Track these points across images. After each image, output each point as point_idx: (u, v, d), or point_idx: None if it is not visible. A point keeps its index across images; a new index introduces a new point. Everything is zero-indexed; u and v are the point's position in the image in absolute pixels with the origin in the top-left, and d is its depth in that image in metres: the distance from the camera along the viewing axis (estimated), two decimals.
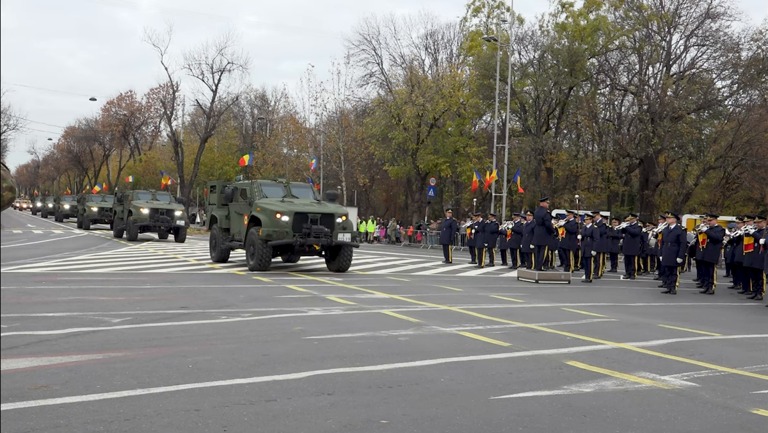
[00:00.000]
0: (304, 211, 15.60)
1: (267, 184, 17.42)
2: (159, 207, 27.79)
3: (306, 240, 15.33)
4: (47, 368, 5.71)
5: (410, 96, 39.39)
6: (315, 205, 16.19)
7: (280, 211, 15.40)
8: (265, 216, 15.46)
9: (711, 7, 36.99)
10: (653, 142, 35.26)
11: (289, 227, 15.29)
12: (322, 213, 15.75)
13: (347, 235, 15.91)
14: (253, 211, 15.93)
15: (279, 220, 15.28)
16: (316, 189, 50.74)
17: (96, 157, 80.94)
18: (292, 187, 17.44)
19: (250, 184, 17.05)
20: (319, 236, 15.41)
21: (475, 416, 4.83)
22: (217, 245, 17.85)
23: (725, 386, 6.04)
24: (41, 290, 11.02)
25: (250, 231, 15.78)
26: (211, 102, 52.29)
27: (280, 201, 16.12)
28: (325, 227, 15.57)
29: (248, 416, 4.58)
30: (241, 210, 16.87)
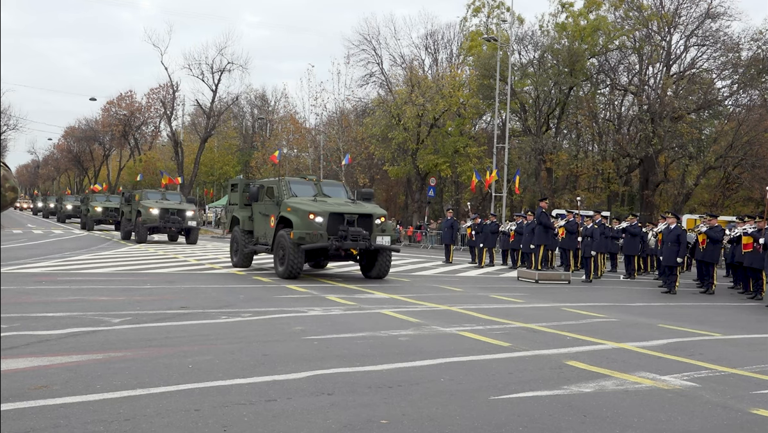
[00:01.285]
0: (340, 212, 14.14)
1: (296, 182, 15.79)
2: (169, 207, 26.12)
3: (342, 244, 13.83)
4: (47, 368, 5.71)
5: (410, 96, 39.39)
6: (351, 205, 14.74)
7: (314, 211, 13.95)
8: (296, 217, 14.06)
9: (711, 7, 37.00)
10: (653, 142, 35.26)
11: (323, 228, 13.84)
12: (359, 214, 14.29)
13: (386, 238, 14.41)
14: (283, 211, 14.55)
15: (312, 221, 13.85)
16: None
17: (96, 157, 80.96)
18: (323, 185, 16.02)
19: (277, 182, 15.48)
20: (357, 238, 13.93)
21: (475, 416, 4.83)
22: (240, 249, 16.46)
23: (725, 386, 6.04)
24: (41, 290, 11.02)
25: (278, 234, 14.40)
26: (211, 102, 52.33)
27: (312, 200, 14.67)
28: (362, 229, 14.12)
29: (248, 416, 4.58)
30: (267, 210, 15.48)
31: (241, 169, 58.81)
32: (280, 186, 15.35)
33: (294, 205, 14.33)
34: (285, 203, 14.61)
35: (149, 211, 25.63)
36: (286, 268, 13.91)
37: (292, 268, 13.86)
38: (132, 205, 27.38)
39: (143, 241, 25.75)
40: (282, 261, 14.15)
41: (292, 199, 14.78)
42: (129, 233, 27.86)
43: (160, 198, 27.48)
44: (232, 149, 63.87)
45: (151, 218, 25.54)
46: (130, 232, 27.75)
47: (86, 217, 36.49)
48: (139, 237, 25.81)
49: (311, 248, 13.82)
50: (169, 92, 56.48)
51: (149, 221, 25.55)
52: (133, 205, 27.15)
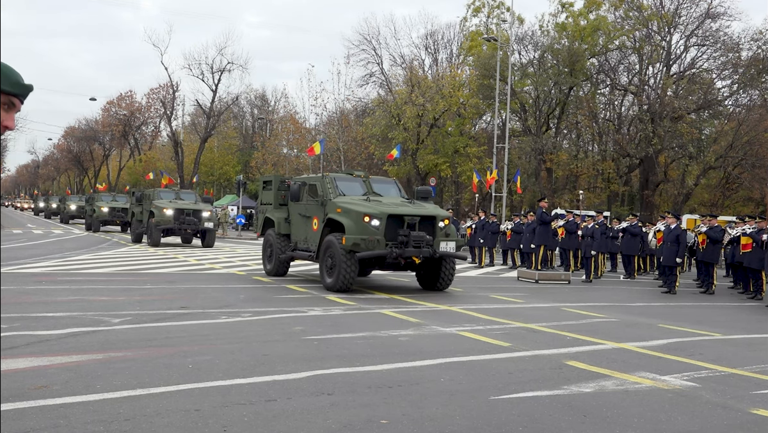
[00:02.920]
0: (400, 214, 12.27)
1: (342, 178, 13.89)
2: (184, 207, 24.14)
3: (403, 251, 11.93)
4: (47, 368, 5.71)
5: (410, 96, 39.40)
6: (410, 206, 12.90)
7: (370, 213, 12.07)
8: (348, 220, 12.19)
9: (711, 7, 37.01)
10: (653, 142, 35.26)
11: (381, 233, 11.98)
12: (421, 215, 12.39)
13: (451, 244, 12.48)
14: (331, 212, 12.72)
15: (368, 225, 12.00)
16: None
17: (96, 157, 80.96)
18: (373, 182, 14.06)
19: (321, 179, 13.60)
20: (420, 245, 12.05)
21: (475, 416, 4.83)
22: (274, 255, 14.59)
23: (725, 386, 6.04)
24: (41, 290, 11.02)
25: (326, 239, 12.53)
26: (211, 102, 52.40)
27: (364, 200, 12.84)
28: (425, 233, 12.29)
29: (248, 416, 4.58)
30: (309, 211, 13.67)
31: (241, 169, 58.80)
32: (324, 183, 13.43)
33: (345, 206, 12.47)
34: (333, 203, 12.76)
35: (163, 212, 23.69)
36: (337, 279, 11.99)
37: (344, 279, 11.93)
38: (144, 205, 25.59)
39: (157, 244, 23.83)
40: (331, 271, 12.25)
41: (340, 198, 12.92)
42: (140, 235, 26.07)
43: (173, 198, 25.71)
44: (232, 149, 63.88)
45: (165, 219, 23.63)
46: (141, 234, 25.97)
47: (91, 217, 34.90)
48: (152, 240, 23.84)
49: (367, 256, 11.89)
50: (169, 92, 56.58)
51: (163, 223, 23.63)
52: (145, 205, 25.38)
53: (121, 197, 35.97)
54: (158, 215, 23.64)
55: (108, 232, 33.95)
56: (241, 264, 17.77)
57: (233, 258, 19.85)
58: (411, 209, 12.60)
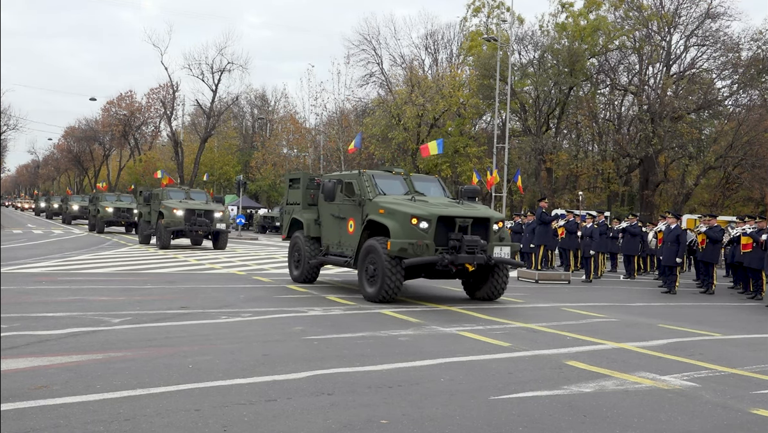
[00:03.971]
0: (451, 215, 10.96)
1: (381, 175, 12.60)
2: (196, 208, 22.95)
3: (456, 257, 10.63)
4: (47, 368, 5.71)
5: (410, 96, 39.40)
6: (460, 207, 11.58)
7: (418, 214, 10.77)
8: (393, 222, 10.90)
9: (711, 7, 37.00)
10: (653, 142, 35.27)
11: (430, 237, 10.70)
12: (473, 217, 11.13)
13: (506, 249, 11.30)
14: (372, 213, 11.46)
15: (416, 227, 10.70)
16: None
17: (96, 157, 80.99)
18: (414, 179, 12.85)
19: (358, 177, 12.35)
20: (474, 250, 10.77)
21: (475, 416, 4.83)
22: (303, 260, 13.39)
23: (725, 386, 6.04)
24: (41, 290, 11.02)
25: (367, 244, 11.26)
26: (211, 102, 52.40)
27: (409, 199, 11.56)
28: (479, 237, 11.01)
29: (248, 416, 4.59)
30: (343, 212, 12.49)
31: (241, 169, 58.84)
32: (361, 181, 12.20)
33: (389, 207, 11.19)
34: (375, 203, 11.52)
35: (173, 213, 22.52)
36: (380, 289, 10.75)
37: (388, 289, 10.70)
38: (152, 205, 24.42)
39: (166, 246, 22.61)
40: (372, 280, 11.03)
41: (381, 198, 11.67)
42: (148, 237, 24.87)
43: (183, 197, 24.44)
44: (232, 149, 63.91)
45: (175, 220, 22.45)
46: (149, 236, 24.81)
47: (95, 218, 33.57)
48: (161, 242, 22.60)
49: (416, 262, 10.56)
50: (169, 92, 56.59)
51: (173, 224, 22.43)
52: (153, 205, 24.15)
53: (126, 197, 35.08)
54: (168, 216, 22.53)
55: (112, 233, 33.08)
56: (241, 264, 17.77)
57: (233, 258, 19.84)
58: (462, 210, 11.27)
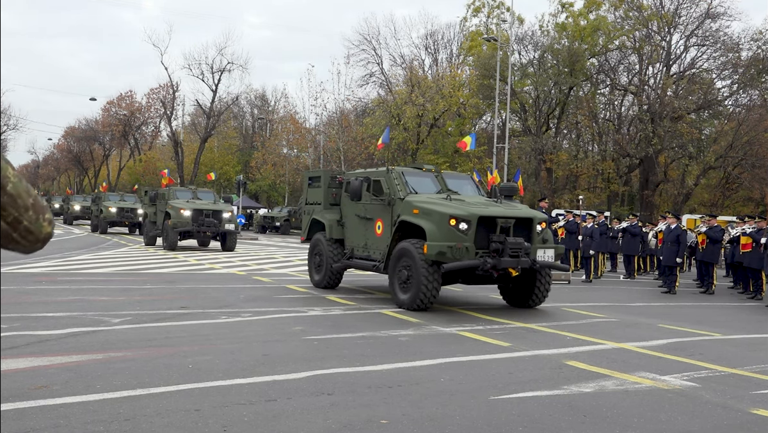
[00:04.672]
0: (492, 215, 10.09)
1: (411, 173, 11.75)
2: (203, 208, 22.25)
3: (499, 261, 9.80)
4: (47, 368, 5.71)
5: (410, 96, 39.42)
6: (500, 206, 10.75)
7: (456, 215, 9.89)
8: (430, 223, 10.03)
9: (711, 7, 37.03)
10: (653, 142, 35.28)
11: (470, 239, 9.83)
12: (516, 218, 10.27)
13: (550, 252, 10.42)
14: (404, 213, 10.61)
15: (455, 229, 9.83)
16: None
17: (96, 157, 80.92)
18: (446, 177, 12.00)
19: (386, 174, 11.50)
20: (518, 254, 9.97)
21: (475, 416, 4.83)
22: (325, 264, 12.55)
23: (725, 386, 6.04)
24: (41, 290, 11.02)
25: (399, 246, 10.41)
26: (211, 102, 52.42)
27: (444, 198, 10.73)
28: (523, 239, 10.20)
29: (248, 416, 4.59)
30: (370, 213, 11.63)
31: (241, 169, 58.83)
32: (390, 179, 11.36)
33: (424, 206, 10.34)
34: (408, 203, 10.65)
35: (180, 213, 21.83)
36: (415, 296, 9.92)
37: (424, 296, 9.86)
38: (158, 205, 23.77)
39: (173, 248, 22.01)
40: (406, 286, 10.18)
41: (414, 197, 10.83)
42: (154, 238, 24.27)
43: (191, 197, 23.80)
44: (232, 149, 63.93)
45: (182, 220, 21.77)
46: (155, 237, 24.21)
47: (98, 218, 33.09)
48: (168, 243, 21.94)
49: (455, 267, 9.72)
50: (169, 92, 56.57)
51: (180, 225, 21.74)
52: (159, 205, 23.55)
53: (129, 197, 34.65)
54: (175, 216, 21.85)
55: (116, 234, 32.68)
56: (241, 264, 17.77)
57: (233, 258, 19.85)
58: (503, 210, 10.42)
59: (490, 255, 9.93)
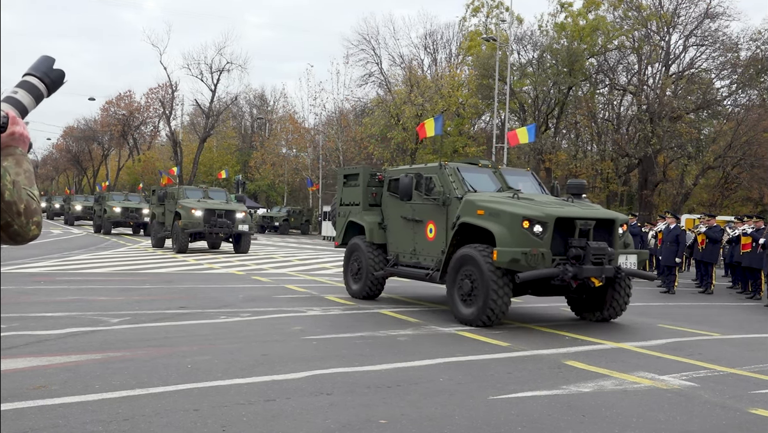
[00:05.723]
0: (570, 216, 8.87)
1: (467, 169, 10.49)
2: (216, 208, 21.19)
3: (581, 269, 8.58)
4: (46, 368, 5.70)
5: (409, 96, 39.44)
6: (575, 206, 9.57)
7: (530, 216, 8.68)
8: (499, 225, 8.79)
9: (710, 7, 37.01)
10: (652, 142, 35.28)
11: (546, 244, 8.61)
12: (596, 219, 9.05)
13: (632, 258, 9.27)
14: (466, 215, 9.31)
15: (528, 232, 8.61)
16: (315, 189, 50.58)
17: (95, 157, 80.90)
18: (505, 173, 10.81)
19: (439, 170, 10.24)
20: (602, 261, 8.77)
21: (474, 415, 4.83)
22: (365, 272, 11.27)
23: (724, 386, 6.05)
24: (40, 290, 11.02)
25: (460, 253, 9.14)
26: (210, 102, 52.44)
27: (510, 197, 9.50)
28: (606, 243, 8.97)
29: (247, 416, 4.58)
30: (419, 214, 10.39)
31: (240, 169, 58.82)
32: (444, 176, 10.11)
33: (490, 206, 9.09)
34: (470, 202, 9.36)
35: (191, 213, 20.72)
36: (482, 310, 8.68)
37: (492, 311, 8.63)
38: (166, 205, 22.62)
39: (184, 250, 20.96)
40: (470, 298, 8.94)
41: (474, 195, 9.61)
42: (162, 240, 23.19)
43: (201, 196, 22.69)
44: (231, 149, 63.94)
45: (193, 221, 20.67)
46: (163, 239, 23.12)
47: (101, 218, 32.02)
48: (178, 245, 20.91)
49: (533, 276, 8.49)
50: (168, 92, 56.58)
51: (191, 226, 20.64)
52: (168, 205, 22.42)
53: (134, 196, 34.02)
54: (186, 217, 20.75)
55: (119, 234, 31.89)
56: (240, 264, 17.76)
57: (231, 258, 19.83)
58: (581, 210, 9.26)
59: (571, 262, 8.68)
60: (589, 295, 9.81)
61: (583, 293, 9.75)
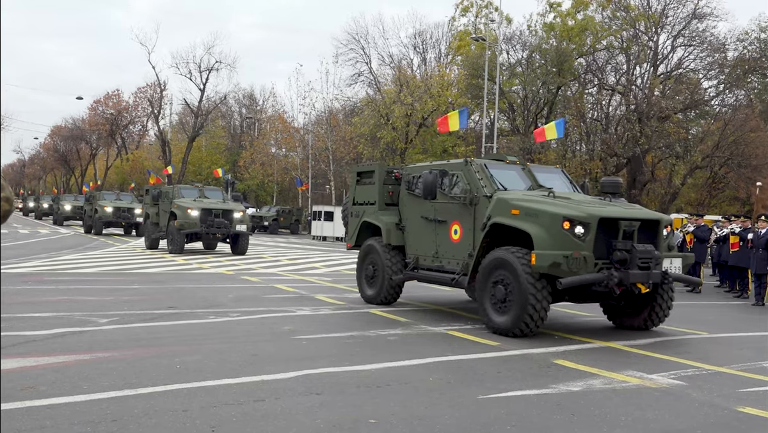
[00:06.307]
0: (614, 217, 8.23)
1: (494, 165, 9.74)
2: (213, 208, 20.56)
3: (627, 274, 7.98)
4: (34, 368, 5.67)
5: (399, 95, 39.46)
6: (616, 205, 8.94)
7: (572, 216, 8.06)
8: (537, 226, 8.13)
9: (698, 8, 37.24)
10: (640, 141, 35.46)
11: (588, 247, 7.98)
12: (641, 220, 8.43)
13: (677, 261, 8.61)
14: (498, 215, 8.58)
15: (568, 233, 7.98)
16: (305, 188, 50.47)
17: (83, 156, 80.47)
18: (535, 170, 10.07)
19: (465, 167, 9.50)
20: (648, 264, 8.19)
21: (464, 415, 4.84)
22: (381, 276, 10.57)
23: (712, 385, 6.08)
24: (27, 290, 10.95)
25: (494, 256, 8.39)
26: (198, 101, 52.25)
27: (544, 196, 8.78)
28: (654, 246, 8.40)
29: (237, 417, 4.57)
30: (443, 214, 9.66)
31: (230, 168, 58.65)
32: (470, 173, 9.38)
33: (526, 205, 8.41)
34: (503, 201, 8.63)
35: (188, 213, 20.12)
36: (518, 318, 7.98)
37: (530, 318, 7.94)
38: (161, 205, 21.89)
39: (180, 251, 20.26)
40: (504, 305, 8.21)
41: (505, 193, 8.89)
42: (157, 240, 22.35)
43: (197, 196, 21.89)
44: (220, 148, 63.74)
45: (189, 221, 20.06)
46: (158, 240, 22.31)
47: (92, 218, 31.07)
48: (174, 246, 20.21)
49: (577, 282, 7.87)
50: (157, 91, 56.35)
51: (188, 226, 20.03)
52: (163, 205, 21.72)
53: (126, 196, 33.18)
54: (182, 217, 20.10)
55: (110, 235, 30.91)
56: (229, 264, 17.72)
57: (221, 258, 19.77)
58: (625, 210, 8.63)
59: (616, 267, 8.06)
60: (628, 301, 9.09)
61: (623, 299, 8.98)
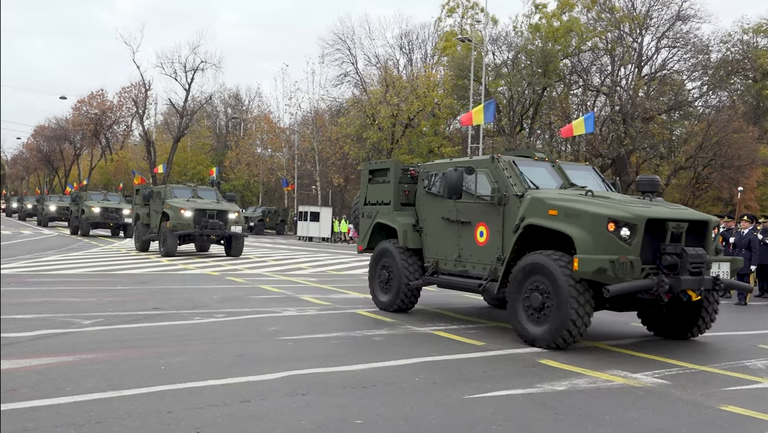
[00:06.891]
0: (662, 217, 7.51)
1: (522, 162, 9.03)
2: (207, 208, 19.91)
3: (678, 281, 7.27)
4: (16, 370, 5.61)
5: (385, 96, 39.49)
6: (661, 206, 8.13)
7: (617, 217, 7.31)
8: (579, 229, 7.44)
9: (681, 10, 37.56)
10: (625, 142, 35.70)
11: (635, 251, 7.28)
12: (689, 221, 7.71)
13: (725, 265, 7.84)
14: (532, 216, 7.93)
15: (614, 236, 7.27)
16: (291, 189, 50.34)
17: (66, 156, 79.87)
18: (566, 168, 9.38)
19: (492, 164, 8.80)
20: (700, 269, 7.49)
21: (450, 415, 4.85)
22: (397, 281, 9.89)
23: (695, 384, 6.13)
24: (9, 291, 10.83)
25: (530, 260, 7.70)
26: (184, 101, 52.05)
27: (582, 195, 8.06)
28: (702, 249, 7.68)
29: (222, 418, 4.55)
30: (467, 214, 9.01)
31: (215, 168, 58.44)
32: (498, 170, 8.69)
33: (565, 204, 7.72)
34: (538, 201, 7.95)
35: (181, 214, 19.46)
36: (559, 328, 7.30)
37: (573, 327, 7.25)
38: (152, 205, 21.36)
39: (172, 253, 19.55)
40: (541, 315, 7.55)
41: (538, 192, 8.22)
42: (148, 242, 21.82)
43: (190, 196, 21.30)
44: (205, 149, 63.48)
45: (183, 222, 19.39)
46: (148, 241, 21.78)
47: (78, 219, 30.41)
48: (166, 248, 19.51)
49: (625, 289, 7.15)
50: (141, 91, 56.03)
51: (180, 227, 19.35)
52: (154, 205, 21.16)
53: (113, 196, 32.49)
54: (174, 218, 19.42)
55: (97, 236, 30.49)
56: (215, 265, 17.64)
57: (206, 258, 19.69)
58: (672, 211, 7.87)
59: (665, 272, 7.35)
60: (672, 309, 8.47)
61: (666, 307, 8.40)
